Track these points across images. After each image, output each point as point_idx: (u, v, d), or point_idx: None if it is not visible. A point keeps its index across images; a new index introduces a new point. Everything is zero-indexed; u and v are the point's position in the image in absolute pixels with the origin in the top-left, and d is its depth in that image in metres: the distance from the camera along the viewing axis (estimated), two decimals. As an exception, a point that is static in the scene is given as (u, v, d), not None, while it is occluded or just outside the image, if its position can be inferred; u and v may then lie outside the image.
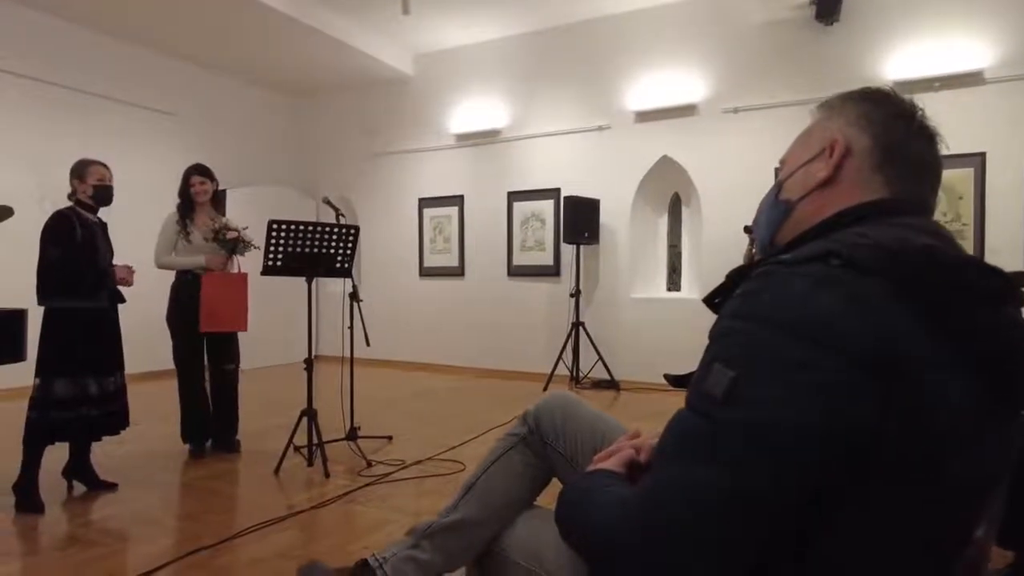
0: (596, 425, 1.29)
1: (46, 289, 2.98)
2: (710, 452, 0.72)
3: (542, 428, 1.32)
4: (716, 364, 0.74)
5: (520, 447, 1.33)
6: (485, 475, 1.32)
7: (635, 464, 0.99)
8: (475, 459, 3.58)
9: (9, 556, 2.50)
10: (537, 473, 1.32)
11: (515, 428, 1.37)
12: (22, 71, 5.68)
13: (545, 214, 6.71)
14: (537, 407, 1.36)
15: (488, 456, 1.36)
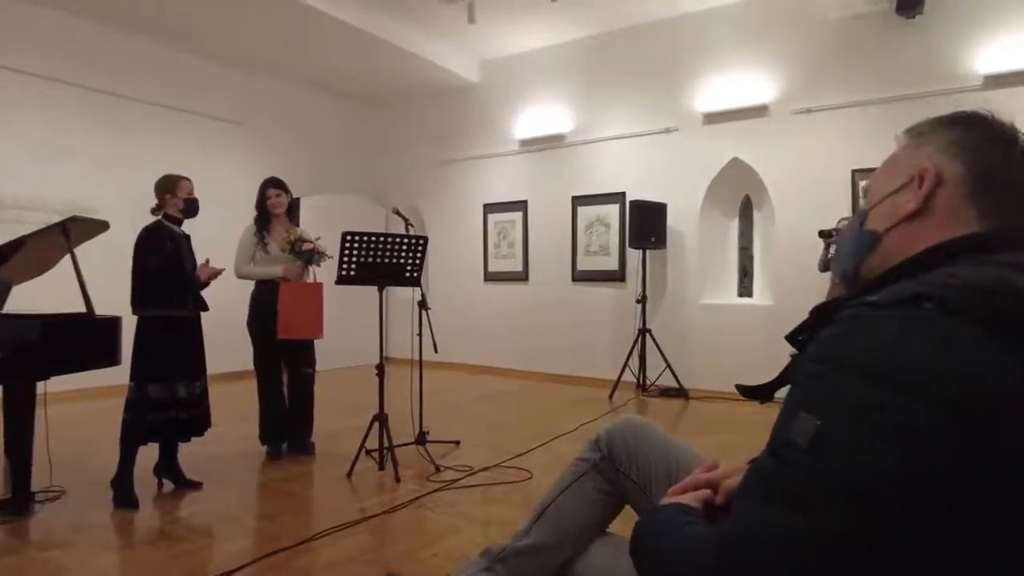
0: (669, 452, 1.28)
1: (139, 298, 3.17)
2: (793, 499, 0.71)
3: (614, 454, 1.31)
4: (801, 411, 0.72)
5: (592, 473, 1.33)
6: (557, 500, 1.32)
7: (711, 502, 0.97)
8: (541, 468, 3.61)
9: (108, 548, 2.67)
10: (610, 499, 1.32)
11: (586, 453, 1.37)
12: (107, 88, 6.05)
13: (610, 218, 6.66)
14: (608, 432, 1.35)
15: (560, 481, 1.36)
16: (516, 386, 6.68)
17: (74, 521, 2.88)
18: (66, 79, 5.75)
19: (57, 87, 5.71)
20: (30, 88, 5.55)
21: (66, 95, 5.78)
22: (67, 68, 5.77)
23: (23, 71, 5.49)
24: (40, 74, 5.59)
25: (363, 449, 3.63)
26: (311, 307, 3.82)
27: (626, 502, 1.33)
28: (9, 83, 5.43)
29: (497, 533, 2.77)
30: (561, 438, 4.35)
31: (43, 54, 5.62)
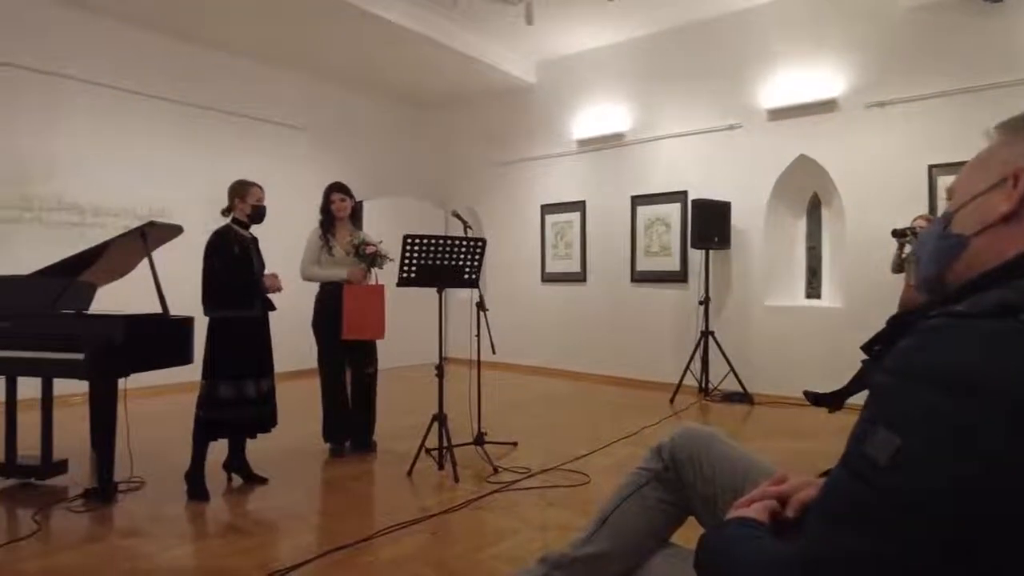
0: (736, 463, 1.23)
1: (209, 300, 3.31)
2: (872, 519, 0.67)
3: (678, 464, 1.27)
4: (880, 427, 0.68)
5: (654, 483, 1.29)
6: (619, 509, 1.30)
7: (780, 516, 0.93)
8: (600, 472, 3.58)
9: (183, 539, 2.79)
10: (672, 510, 1.28)
11: (648, 462, 1.33)
12: (182, 98, 6.34)
13: (671, 218, 6.54)
14: (672, 441, 1.31)
15: (621, 490, 1.33)
16: (573, 388, 6.64)
17: (152, 511, 3.03)
18: (145, 91, 6.06)
19: (137, 99, 6.02)
20: (111, 101, 5.87)
21: (144, 107, 6.08)
22: (145, 81, 6.07)
23: (105, 84, 5.80)
24: (121, 87, 5.90)
25: (423, 448, 3.68)
26: (373, 308, 3.89)
27: (689, 513, 1.29)
28: (92, 97, 5.75)
29: (555, 537, 2.76)
30: (620, 442, 4.30)
31: (124, 69, 5.93)
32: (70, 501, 3.12)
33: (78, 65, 5.62)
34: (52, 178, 5.52)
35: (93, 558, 2.53)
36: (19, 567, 2.44)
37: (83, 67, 5.66)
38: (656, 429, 4.72)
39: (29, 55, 5.32)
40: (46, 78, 5.44)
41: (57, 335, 3.06)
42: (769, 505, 0.94)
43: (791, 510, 0.93)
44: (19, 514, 2.99)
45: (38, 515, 2.92)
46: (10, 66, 5.18)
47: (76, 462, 3.49)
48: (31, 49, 5.34)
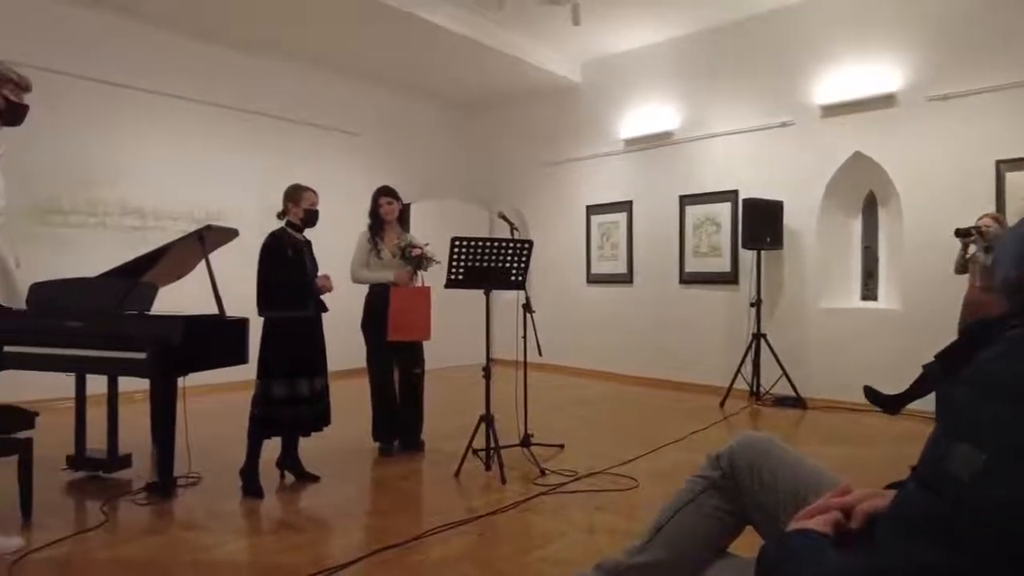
0: (797, 472, 1.20)
1: (264, 301, 3.40)
2: (947, 532, 0.64)
3: (736, 473, 1.25)
4: (959, 441, 0.65)
5: (712, 491, 1.27)
6: (675, 518, 1.27)
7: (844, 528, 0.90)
8: (648, 476, 3.53)
9: (238, 534, 2.87)
10: (730, 520, 1.26)
11: (705, 470, 1.31)
12: (238, 105, 6.54)
13: (721, 218, 6.41)
14: (730, 450, 1.28)
15: (677, 498, 1.31)
16: (619, 391, 6.58)
17: (209, 506, 3.12)
18: (201, 99, 6.27)
19: (194, 106, 6.23)
20: (170, 109, 6.09)
21: (201, 113, 6.29)
22: (202, 88, 6.28)
23: (164, 93, 6.02)
24: (179, 95, 6.12)
25: (470, 449, 3.69)
26: (419, 310, 3.94)
27: (747, 523, 1.26)
28: (152, 105, 5.98)
29: (603, 541, 2.74)
30: (669, 447, 4.24)
31: (182, 77, 6.14)
32: (134, 494, 3.25)
33: (138, 75, 5.85)
34: (116, 184, 5.76)
35: (156, 550, 2.62)
36: (90, 556, 2.55)
37: (143, 77, 5.88)
38: (706, 434, 4.64)
39: (93, 67, 5.56)
40: (110, 88, 5.67)
41: (122, 335, 3.18)
42: (833, 517, 0.91)
43: (856, 522, 0.90)
44: (88, 506, 3.13)
45: (105, 506, 3.05)
46: (75, 77, 5.41)
47: (139, 457, 3.62)
48: (94, 61, 5.58)
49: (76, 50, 5.47)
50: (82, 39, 5.54)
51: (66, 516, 3.02)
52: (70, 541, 2.68)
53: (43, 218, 5.34)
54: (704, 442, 4.40)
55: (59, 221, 5.46)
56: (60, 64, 5.24)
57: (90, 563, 2.50)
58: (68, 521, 2.94)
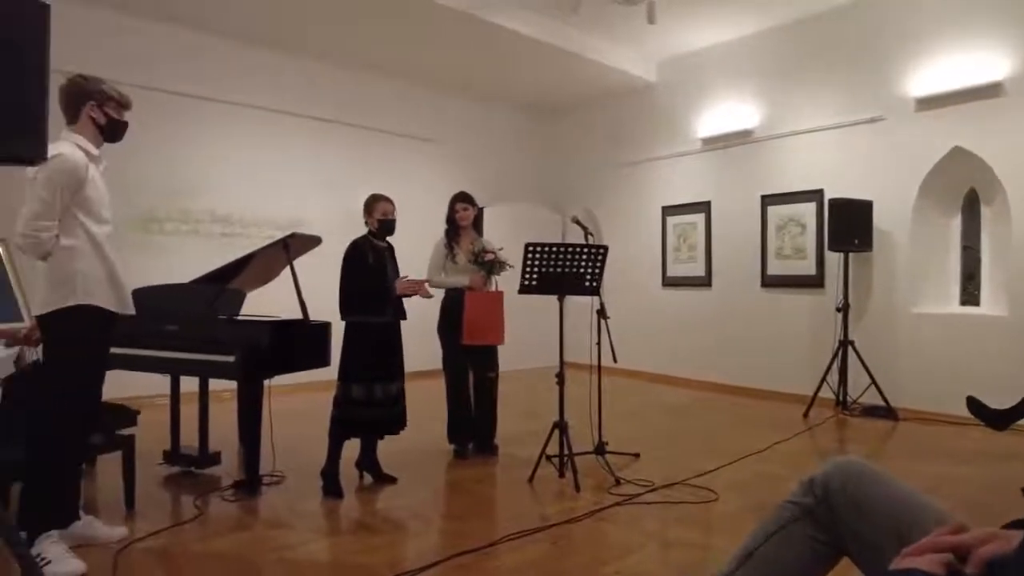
0: (901, 504, 1.11)
1: (345, 306, 3.49)
2: None
3: (832, 500, 1.17)
4: None
5: (805, 520, 1.19)
6: (765, 545, 1.21)
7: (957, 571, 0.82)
8: (728, 489, 3.42)
9: (319, 533, 2.95)
10: (824, 550, 1.18)
11: (798, 495, 1.23)
12: (321, 115, 6.77)
13: (805, 218, 6.14)
14: (826, 475, 1.20)
15: (766, 524, 1.24)
16: (697, 398, 6.41)
17: (292, 505, 3.24)
18: (284, 110, 6.53)
19: (277, 117, 6.50)
20: (255, 120, 6.38)
21: (284, 124, 6.55)
22: (285, 100, 6.54)
23: (250, 105, 6.32)
24: (263, 107, 6.40)
25: (543, 455, 3.68)
26: (493, 314, 3.96)
27: (843, 554, 1.18)
28: (241, 117, 6.28)
29: (680, 556, 2.67)
30: (750, 458, 4.08)
31: (266, 89, 6.43)
32: (223, 490, 3.41)
33: (226, 89, 6.16)
34: (206, 193, 6.09)
35: (244, 546, 2.74)
36: (185, 548, 2.69)
37: (230, 91, 6.19)
38: (789, 445, 4.44)
39: (183, 83, 5.88)
40: (199, 102, 5.99)
41: (212, 339, 3.35)
42: (945, 558, 0.84)
43: (972, 566, 0.82)
44: (183, 500, 3.31)
45: (198, 501, 3.21)
46: (167, 93, 5.73)
47: (228, 454, 3.80)
48: (184, 77, 5.90)
49: (166, 68, 5.79)
50: (171, 57, 5.87)
51: (163, 508, 3.19)
52: (167, 533, 2.83)
53: (143, 226, 5.70)
54: (787, 453, 4.22)
55: (155, 229, 5.81)
56: (153, 81, 5.56)
57: (185, 555, 2.63)
58: (165, 513, 3.11)
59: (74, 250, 2.48)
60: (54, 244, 2.44)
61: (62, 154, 2.39)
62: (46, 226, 2.41)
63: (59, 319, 2.47)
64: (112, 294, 2.58)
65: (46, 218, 2.40)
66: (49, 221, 2.41)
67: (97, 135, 2.61)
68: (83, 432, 2.68)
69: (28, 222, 2.39)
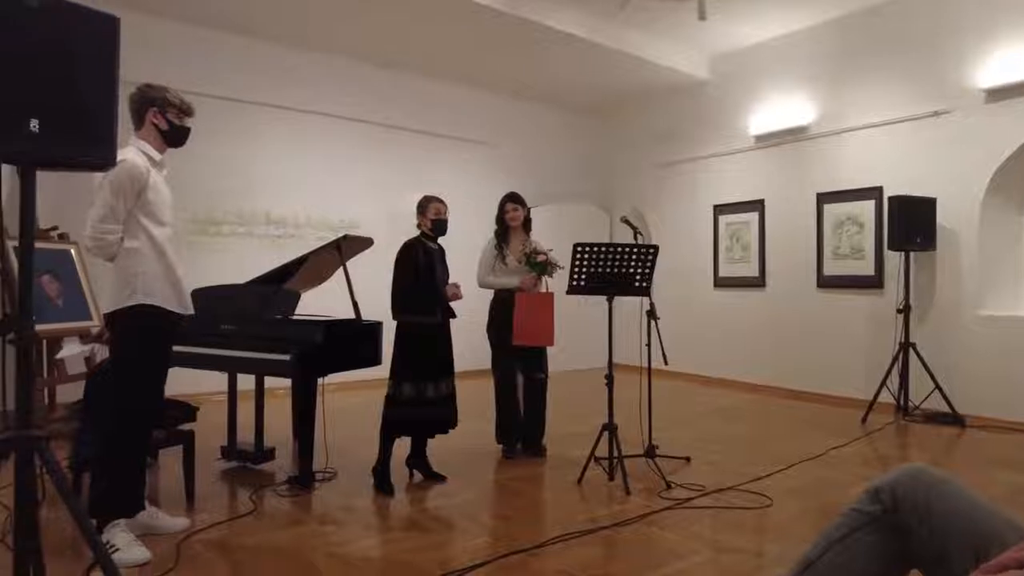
0: (978, 517, 1.05)
1: (397, 306, 3.54)
2: None
3: (902, 510, 1.11)
4: None
5: (870, 528, 1.14)
6: (828, 553, 1.16)
7: None
8: (783, 495, 3.33)
9: (370, 530, 3.00)
10: (893, 562, 1.13)
11: (863, 503, 1.18)
12: (366, 118, 6.87)
13: (864, 217, 5.93)
14: (894, 482, 1.15)
15: (830, 532, 1.19)
16: (749, 401, 6.26)
17: (344, 501, 3.30)
18: (337, 114, 6.66)
19: (330, 121, 6.64)
20: (308, 124, 6.53)
21: (337, 128, 6.69)
22: (338, 104, 6.67)
23: (304, 110, 6.47)
24: (316, 111, 6.54)
25: (592, 457, 3.65)
26: (543, 316, 3.94)
27: (913, 566, 1.12)
28: (293, 122, 6.44)
29: (732, 562, 2.61)
30: (806, 463, 3.97)
31: (319, 94, 6.56)
32: (277, 485, 3.49)
33: (278, 95, 6.31)
34: (261, 196, 6.26)
35: (297, 540, 2.80)
36: (241, 541, 2.77)
37: (282, 96, 6.34)
38: (846, 450, 4.30)
39: (237, 89, 6.04)
40: (253, 107, 6.17)
41: (268, 338, 3.44)
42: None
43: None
44: (239, 494, 3.41)
45: (254, 495, 3.31)
46: (222, 99, 5.90)
47: (282, 450, 3.90)
48: (242, 82, 6.07)
49: (225, 75, 5.97)
50: (229, 64, 6.05)
51: (221, 502, 3.30)
52: (224, 525, 2.92)
53: (200, 229, 5.90)
54: (845, 459, 4.09)
55: (213, 231, 6.01)
56: (214, 89, 5.75)
57: (242, 547, 2.71)
58: (223, 507, 3.21)
59: (136, 252, 2.58)
60: (119, 246, 2.55)
61: (125, 160, 2.48)
62: (111, 229, 2.52)
63: (123, 317, 2.58)
64: (172, 294, 2.67)
65: (111, 221, 2.51)
66: (114, 224, 2.52)
67: (160, 140, 2.71)
68: (147, 427, 2.79)
69: (95, 225, 2.50)
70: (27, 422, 1.72)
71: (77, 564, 2.39)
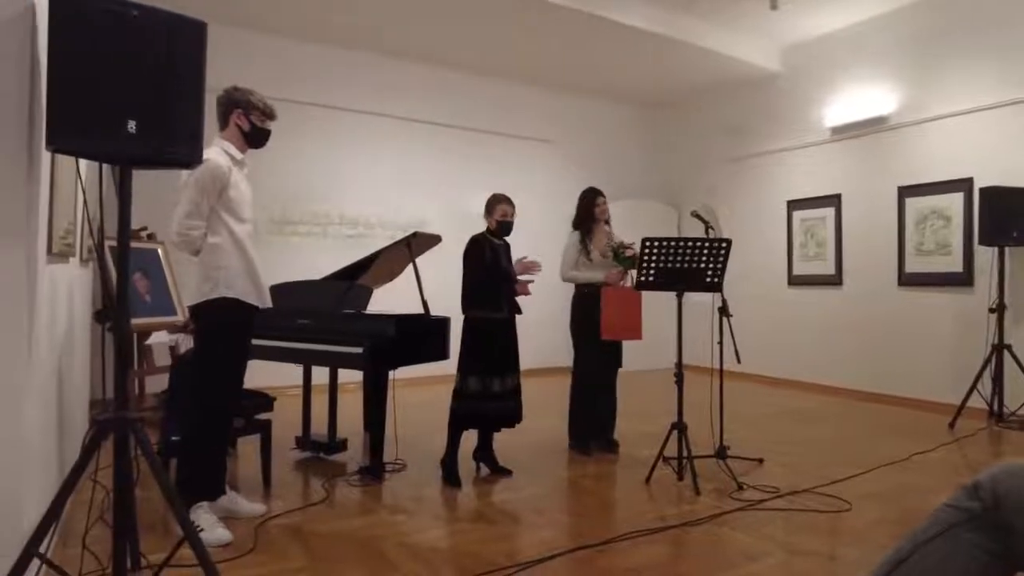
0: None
1: (465, 301, 3.58)
2: None
3: (1006, 508, 1.04)
4: None
5: (969, 526, 1.07)
6: (919, 553, 1.10)
7: None
8: (863, 500, 3.19)
9: (439, 521, 3.05)
10: (992, 562, 1.05)
11: (959, 500, 1.11)
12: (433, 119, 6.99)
13: (951, 210, 5.60)
14: (995, 479, 1.07)
15: (922, 529, 1.12)
16: (825, 403, 6.02)
17: (413, 492, 3.36)
18: (404, 115, 6.81)
19: (397, 123, 6.79)
20: (376, 126, 6.70)
21: (404, 129, 6.84)
22: (405, 106, 6.81)
23: (374, 112, 6.64)
24: (384, 113, 6.70)
25: (661, 456, 3.59)
26: (631, 310, 3.92)
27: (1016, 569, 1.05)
28: (365, 124, 6.62)
29: (806, 566, 2.52)
30: (886, 468, 3.79)
31: (386, 97, 6.72)
32: (349, 475, 3.60)
33: (348, 98, 6.49)
34: (333, 197, 6.48)
35: (368, 529, 2.87)
36: (314, 528, 2.86)
37: (355, 100, 6.53)
38: (932, 456, 4.07)
39: (311, 93, 6.24)
40: (325, 111, 6.37)
41: (342, 331, 3.55)
42: None
43: None
44: (312, 483, 3.52)
45: (326, 484, 3.42)
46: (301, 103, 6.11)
47: (353, 442, 4.01)
48: (312, 88, 6.26)
49: (297, 79, 6.17)
50: (303, 70, 6.26)
51: (295, 489, 3.42)
52: (299, 512, 3.03)
53: (278, 228, 6.14)
54: (931, 465, 3.88)
55: (289, 231, 6.25)
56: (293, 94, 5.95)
57: (315, 534, 2.80)
58: (297, 494, 3.33)
59: (218, 247, 2.70)
60: (203, 241, 2.68)
61: (209, 159, 2.61)
62: (195, 225, 2.65)
63: (206, 309, 2.71)
64: (251, 288, 2.79)
65: (195, 217, 2.64)
66: (198, 220, 2.65)
67: (242, 141, 2.84)
68: (228, 415, 2.92)
69: (180, 221, 2.64)
70: (125, 405, 1.84)
71: (166, 540, 2.52)
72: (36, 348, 1.95)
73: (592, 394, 4.16)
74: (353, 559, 2.56)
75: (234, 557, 2.50)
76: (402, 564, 2.51)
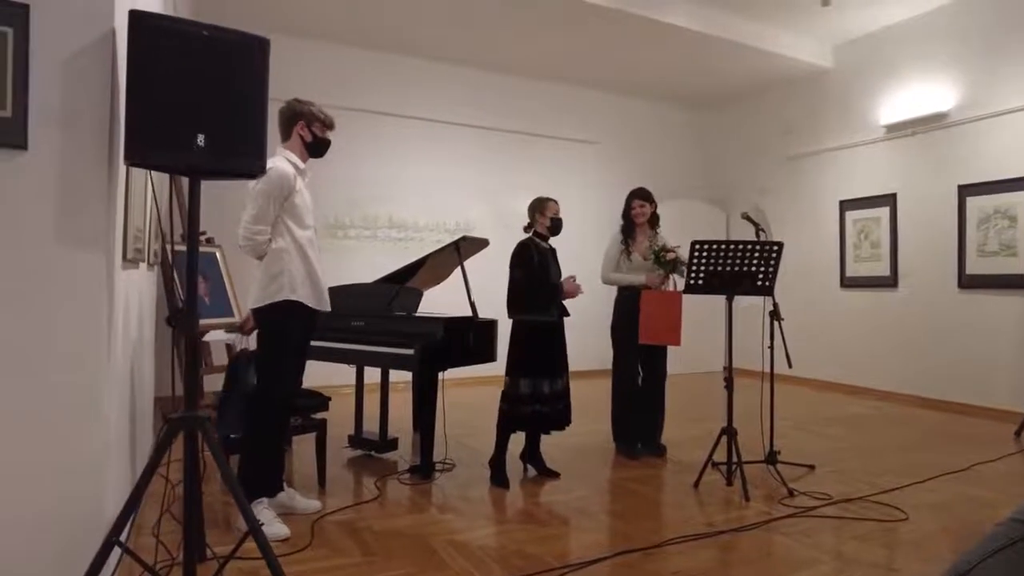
0: None
1: (512, 305, 3.63)
2: None
3: (1072, 522, 1.02)
4: None
5: (1035, 540, 1.06)
6: (982, 566, 1.09)
7: None
8: (920, 510, 3.12)
9: (487, 520, 3.10)
10: (1058, 578, 1.04)
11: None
12: (488, 124, 7.07)
13: (1016, 210, 5.38)
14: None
15: (987, 541, 1.11)
16: (880, 409, 5.86)
17: (462, 492, 3.42)
18: (450, 120, 6.89)
19: (443, 128, 6.88)
20: (428, 132, 6.80)
21: (450, 134, 6.92)
22: (451, 111, 6.91)
23: (422, 118, 6.75)
24: (430, 118, 6.80)
25: (710, 461, 3.57)
26: (671, 315, 3.87)
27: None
28: (413, 130, 6.73)
29: (858, 575, 2.47)
30: (945, 477, 3.67)
31: (433, 102, 6.82)
32: (399, 474, 3.68)
33: (396, 103, 6.61)
34: (383, 201, 6.61)
35: (418, 527, 2.94)
36: (367, 524, 2.95)
37: (403, 105, 6.64)
38: (995, 467, 3.93)
39: (362, 100, 6.37)
40: (378, 117, 6.49)
41: (393, 333, 3.64)
42: None
43: None
44: (364, 480, 3.62)
45: (378, 482, 3.50)
46: (351, 110, 6.23)
47: (403, 441, 4.10)
48: (361, 93, 6.39)
49: (347, 86, 6.30)
50: (351, 76, 6.40)
51: (348, 487, 3.52)
52: (352, 509, 3.12)
53: (330, 232, 6.30)
54: (994, 476, 3.74)
55: (341, 235, 6.41)
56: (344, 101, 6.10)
57: (367, 530, 2.88)
58: (350, 491, 3.43)
59: (282, 252, 2.81)
60: (267, 246, 2.79)
61: (275, 168, 2.71)
62: (261, 230, 2.76)
63: (269, 312, 2.82)
64: (312, 292, 2.89)
65: (261, 223, 2.75)
66: (264, 226, 2.76)
67: (304, 151, 2.94)
68: (287, 413, 3.03)
69: (247, 226, 2.75)
70: (195, 403, 1.94)
71: (227, 536, 2.64)
72: (114, 350, 2.08)
73: (633, 397, 4.14)
74: (405, 555, 2.63)
75: (292, 552, 2.59)
76: (452, 561, 2.57)
